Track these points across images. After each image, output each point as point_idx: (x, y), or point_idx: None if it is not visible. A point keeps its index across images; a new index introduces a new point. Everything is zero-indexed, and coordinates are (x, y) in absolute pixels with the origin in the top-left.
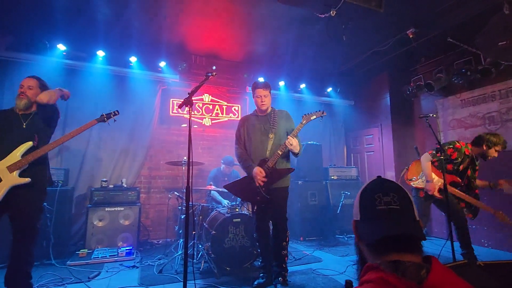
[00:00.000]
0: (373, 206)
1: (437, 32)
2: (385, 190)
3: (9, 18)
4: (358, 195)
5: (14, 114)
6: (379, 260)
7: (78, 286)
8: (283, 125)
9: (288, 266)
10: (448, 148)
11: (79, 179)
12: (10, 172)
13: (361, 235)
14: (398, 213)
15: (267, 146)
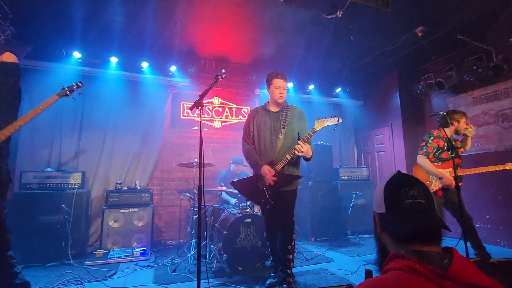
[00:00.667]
0: (400, 199)
1: (446, 29)
2: (411, 185)
3: (29, 28)
4: (381, 189)
5: None
6: (404, 250)
7: (96, 284)
8: (295, 124)
9: (299, 266)
10: (433, 140)
11: (94, 181)
12: None
13: (387, 227)
14: (424, 207)
15: (276, 147)
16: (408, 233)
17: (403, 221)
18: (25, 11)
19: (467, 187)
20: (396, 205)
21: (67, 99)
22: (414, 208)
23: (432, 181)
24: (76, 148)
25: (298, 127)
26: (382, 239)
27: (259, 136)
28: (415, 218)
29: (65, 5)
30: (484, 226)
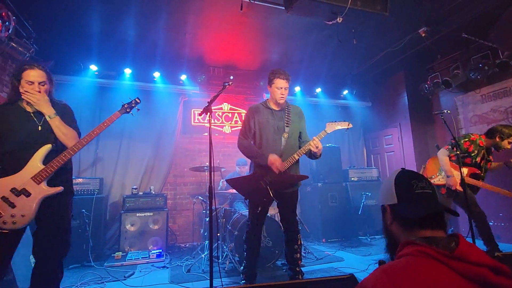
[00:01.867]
0: (411, 190)
1: (450, 28)
2: (419, 178)
3: (50, 46)
4: (391, 183)
5: (24, 113)
6: (414, 237)
7: (116, 284)
8: (297, 124)
9: (310, 266)
10: (465, 142)
11: (112, 187)
12: (37, 184)
13: (399, 216)
14: (431, 196)
15: (280, 146)
16: (421, 217)
17: (415, 207)
18: (46, 30)
19: None
20: (408, 195)
21: (85, 108)
22: (424, 196)
23: (439, 176)
24: (94, 156)
25: (300, 127)
26: (393, 230)
27: (261, 134)
28: (425, 204)
29: (82, 22)
30: (497, 224)
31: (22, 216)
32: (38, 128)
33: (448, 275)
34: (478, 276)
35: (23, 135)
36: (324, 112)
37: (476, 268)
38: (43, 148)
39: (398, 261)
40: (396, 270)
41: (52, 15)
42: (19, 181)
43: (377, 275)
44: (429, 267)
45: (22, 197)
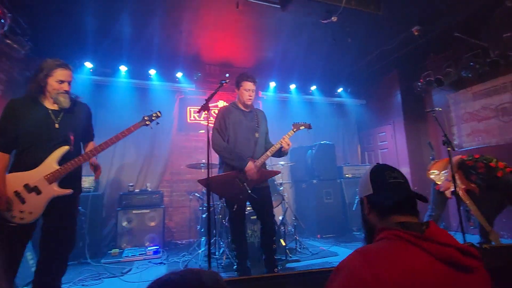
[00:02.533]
0: (385, 180)
1: (442, 27)
2: (392, 169)
3: (45, 43)
4: (366, 176)
5: (43, 110)
6: (389, 223)
7: (114, 280)
8: (264, 126)
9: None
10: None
11: (108, 184)
12: (49, 183)
13: (375, 205)
14: (403, 184)
15: (253, 145)
16: (394, 203)
17: (389, 194)
18: (41, 27)
19: None
20: (382, 184)
21: None
22: (397, 185)
23: (440, 174)
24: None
25: (266, 129)
26: (370, 219)
27: (235, 133)
28: (398, 191)
29: (77, 19)
30: None
31: (30, 213)
32: (55, 125)
33: (420, 255)
34: (446, 256)
35: (40, 131)
36: (319, 110)
37: (444, 248)
38: (60, 149)
39: (376, 243)
40: (369, 251)
41: (47, 12)
42: (33, 178)
43: (352, 255)
44: (401, 248)
45: (33, 194)
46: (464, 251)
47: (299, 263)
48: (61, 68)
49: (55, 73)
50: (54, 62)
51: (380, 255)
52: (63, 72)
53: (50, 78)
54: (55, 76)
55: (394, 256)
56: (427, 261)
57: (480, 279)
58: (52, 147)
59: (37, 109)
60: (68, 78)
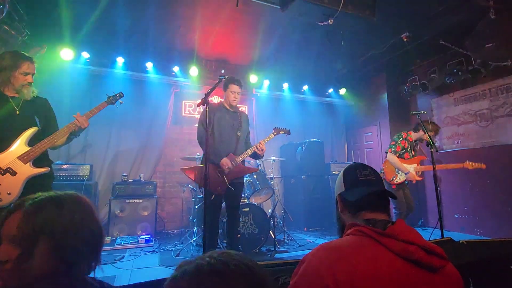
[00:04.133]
0: (356, 177)
1: (430, 35)
2: (363, 166)
3: (42, 30)
4: (341, 174)
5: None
6: (357, 220)
7: (106, 266)
8: (246, 127)
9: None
10: (401, 141)
11: (101, 174)
12: (24, 164)
13: (346, 201)
14: (374, 182)
15: (235, 142)
16: (360, 199)
17: (358, 191)
18: (38, 15)
19: (448, 181)
20: (353, 182)
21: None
22: (366, 182)
23: (397, 175)
24: (84, 142)
25: (247, 129)
26: (343, 216)
27: (219, 129)
28: (366, 188)
29: (74, 7)
30: (462, 216)
31: (8, 194)
32: (16, 112)
33: (380, 251)
34: (407, 253)
35: (1, 118)
36: (310, 109)
37: (405, 245)
38: (29, 130)
39: (341, 239)
40: (332, 246)
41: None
42: (4, 161)
43: (315, 249)
44: (363, 244)
45: (8, 175)
46: (429, 250)
47: (286, 254)
48: (27, 61)
49: (22, 66)
50: (19, 55)
51: (341, 250)
52: (30, 65)
53: (17, 71)
54: (21, 68)
55: (354, 251)
56: (387, 258)
57: (446, 279)
58: (16, 132)
59: None
60: (32, 71)
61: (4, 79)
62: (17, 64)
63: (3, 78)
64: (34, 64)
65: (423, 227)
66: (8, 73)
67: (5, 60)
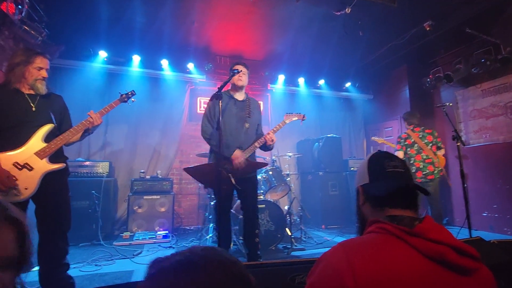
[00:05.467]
0: (383, 168)
1: (454, 23)
2: (391, 156)
3: (61, 30)
4: (364, 164)
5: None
6: (381, 216)
7: (125, 261)
8: (257, 116)
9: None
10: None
11: (120, 170)
12: (40, 159)
13: (369, 195)
14: (403, 175)
15: (241, 135)
16: (387, 194)
17: (384, 184)
18: (57, 14)
19: (475, 178)
20: (379, 173)
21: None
22: (395, 175)
23: None
24: (103, 140)
25: (258, 119)
26: (364, 210)
27: (224, 121)
28: (394, 181)
29: (91, 7)
30: (491, 215)
31: (25, 189)
32: (32, 108)
33: (406, 252)
34: (437, 254)
35: (18, 114)
36: (327, 104)
37: (435, 245)
38: (46, 127)
39: (362, 236)
40: (352, 245)
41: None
42: (21, 157)
43: (335, 248)
44: (386, 243)
45: (25, 171)
46: (461, 251)
47: (303, 252)
48: (41, 56)
49: (35, 60)
50: (32, 50)
51: (361, 249)
52: (42, 60)
53: (30, 66)
54: (35, 63)
55: (376, 250)
56: (414, 259)
57: (480, 282)
58: (32, 128)
59: (13, 94)
60: (46, 66)
61: (18, 75)
62: (30, 59)
63: (18, 74)
64: (47, 59)
65: (448, 226)
66: (22, 69)
67: (18, 57)
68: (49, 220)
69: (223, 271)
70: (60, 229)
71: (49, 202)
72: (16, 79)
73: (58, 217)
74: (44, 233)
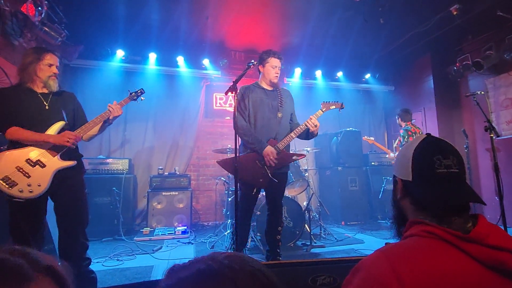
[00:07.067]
0: (432, 168)
1: (484, 6)
2: (445, 152)
3: (80, 30)
4: (408, 154)
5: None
6: (425, 216)
7: (145, 256)
8: (289, 105)
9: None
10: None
11: (140, 167)
12: (52, 156)
13: (412, 195)
14: (457, 178)
15: (275, 125)
16: (438, 206)
17: (434, 193)
18: (76, 15)
19: (507, 171)
20: (426, 175)
21: None
22: (447, 178)
23: None
24: (122, 138)
25: (291, 108)
26: (403, 206)
27: (255, 112)
28: (447, 189)
29: (108, 7)
30: None
31: (38, 186)
32: (45, 107)
33: (460, 260)
34: (497, 262)
35: (31, 113)
36: (345, 96)
37: (495, 252)
38: (57, 124)
39: (401, 242)
40: (396, 252)
41: (80, 0)
42: (34, 153)
43: (376, 256)
44: (437, 250)
45: (38, 168)
46: None
47: (324, 249)
48: (50, 53)
49: (45, 57)
50: (41, 48)
51: (408, 258)
52: (52, 56)
53: (41, 62)
54: (45, 59)
55: (426, 259)
56: (468, 267)
57: None
58: (46, 126)
59: (27, 93)
60: (55, 63)
61: (31, 74)
62: (40, 56)
63: (30, 73)
64: (57, 56)
65: None
66: (34, 67)
67: (29, 56)
68: (67, 217)
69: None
70: (79, 225)
71: (66, 199)
72: (29, 78)
73: (76, 214)
74: (64, 229)
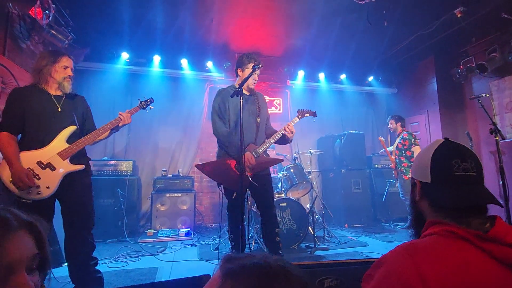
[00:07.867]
0: (450, 171)
1: (488, 8)
2: (463, 156)
3: (86, 33)
4: (427, 157)
5: (46, 95)
6: (444, 217)
7: (149, 258)
8: (265, 110)
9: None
10: None
11: (143, 169)
12: (63, 160)
13: (430, 197)
14: (475, 180)
15: (255, 130)
16: (456, 207)
17: (451, 194)
18: (82, 18)
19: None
20: (445, 177)
21: (118, 94)
22: (465, 181)
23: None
24: (127, 139)
25: (266, 114)
26: (421, 207)
27: (236, 116)
28: (465, 191)
29: (114, 10)
30: None
31: (47, 188)
32: (58, 109)
33: (479, 258)
34: None
35: (44, 115)
36: (349, 99)
37: None
38: (69, 128)
39: (421, 239)
40: (418, 249)
41: (86, 3)
42: (45, 156)
43: (398, 252)
44: (457, 248)
45: (48, 170)
46: None
47: (327, 251)
48: (66, 55)
49: (61, 60)
50: (57, 50)
51: (431, 256)
52: (68, 59)
53: (56, 65)
54: (61, 62)
55: (446, 256)
56: (488, 266)
57: None
58: (57, 129)
59: (40, 95)
60: (71, 65)
61: (45, 76)
62: (56, 59)
63: (45, 75)
64: (72, 59)
65: None
66: (49, 69)
67: (45, 59)
68: (74, 219)
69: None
70: (86, 227)
71: (73, 202)
72: (43, 80)
73: (82, 216)
74: (71, 231)
